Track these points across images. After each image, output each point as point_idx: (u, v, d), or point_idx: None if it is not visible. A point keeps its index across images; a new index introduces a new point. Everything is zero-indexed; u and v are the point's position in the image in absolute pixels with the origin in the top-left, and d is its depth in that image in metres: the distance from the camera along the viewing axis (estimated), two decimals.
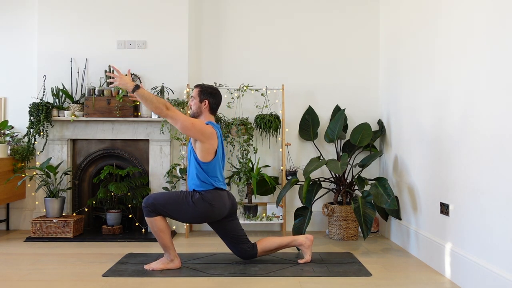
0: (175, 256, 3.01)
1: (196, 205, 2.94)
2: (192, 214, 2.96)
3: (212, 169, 3.00)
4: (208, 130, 2.95)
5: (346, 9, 4.41)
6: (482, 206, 2.50)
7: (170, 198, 2.97)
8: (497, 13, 2.37)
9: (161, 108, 2.82)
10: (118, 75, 2.86)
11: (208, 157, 2.97)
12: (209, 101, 3.07)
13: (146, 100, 2.82)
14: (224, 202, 3.02)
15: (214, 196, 2.98)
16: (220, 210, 3.01)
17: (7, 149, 4.09)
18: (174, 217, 3.00)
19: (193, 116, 3.11)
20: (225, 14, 4.42)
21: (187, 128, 2.87)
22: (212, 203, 2.95)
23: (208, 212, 2.96)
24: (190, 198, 2.96)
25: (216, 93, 3.12)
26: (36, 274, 2.90)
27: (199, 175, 3.00)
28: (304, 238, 3.20)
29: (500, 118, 2.33)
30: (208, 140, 2.94)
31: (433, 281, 2.80)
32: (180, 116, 2.86)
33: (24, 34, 4.37)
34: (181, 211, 2.95)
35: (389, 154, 4.04)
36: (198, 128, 2.91)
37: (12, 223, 4.31)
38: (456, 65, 2.80)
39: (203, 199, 2.95)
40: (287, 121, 4.29)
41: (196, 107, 3.08)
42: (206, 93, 3.08)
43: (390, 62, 4.09)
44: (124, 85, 2.84)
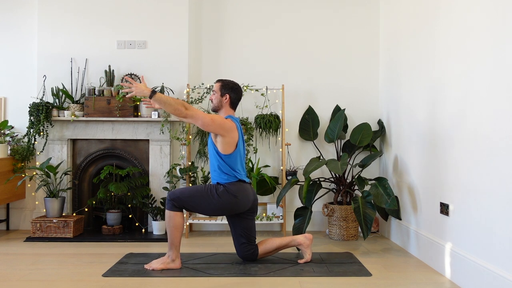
0: (177, 256, 3.01)
1: (221, 197, 3.00)
2: (217, 206, 3.01)
3: (234, 161, 3.06)
4: (228, 124, 3.02)
5: (346, 9, 4.41)
6: (482, 206, 2.50)
7: (195, 191, 3.04)
8: (497, 13, 2.37)
9: (180, 109, 2.89)
10: (133, 84, 2.91)
11: (229, 150, 3.03)
12: (230, 96, 3.14)
13: (164, 103, 2.88)
14: (247, 195, 3.09)
15: (238, 189, 3.04)
16: (244, 202, 3.06)
17: (7, 149, 4.09)
18: (199, 210, 3.06)
19: (213, 109, 3.20)
20: (225, 14, 4.42)
21: (208, 124, 2.95)
22: (236, 195, 3.01)
23: (232, 204, 3.02)
24: (215, 190, 3.02)
25: (237, 88, 3.19)
26: (36, 274, 2.90)
27: (221, 167, 3.05)
28: (304, 237, 3.21)
29: (501, 118, 2.33)
30: (228, 133, 3.01)
31: (433, 281, 2.80)
32: (200, 114, 2.94)
33: (24, 34, 4.37)
34: (206, 203, 3.01)
35: (389, 154, 4.04)
36: (218, 123, 2.98)
37: (12, 223, 4.31)
38: (456, 65, 2.80)
39: (227, 191, 3.01)
40: (287, 121, 4.29)
41: (217, 101, 3.15)
42: (227, 87, 3.14)
43: (390, 62, 4.09)
44: (141, 93, 2.89)
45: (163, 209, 4.01)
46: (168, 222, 2.99)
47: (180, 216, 3.00)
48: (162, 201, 4.03)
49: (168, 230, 3.00)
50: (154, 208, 4.02)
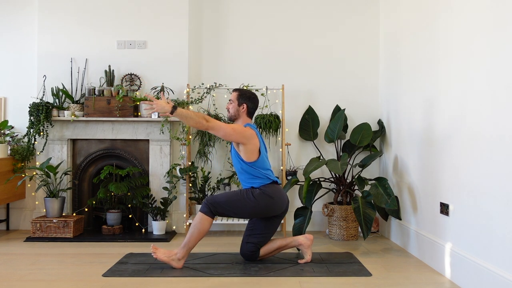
0: (184, 257, 3.02)
1: (258, 200, 3.05)
2: (253, 208, 3.06)
3: (261, 165, 3.12)
4: (248, 132, 3.08)
5: (346, 9, 4.41)
6: (482, 206, 2.50)
7: (232, 195, 3.10)
8: (497, 13, 2.37)
9: (201, 122, 2.93)
10: (154, 101, 2.93)
11: (253, 157, 3.09)
12: (247, 105, 3.20)
13: (186, 118, 2.93)
14: (283, 196, 3.16)
15: (274, 190, 3.10)
16: (279, 204, 3.12)
17: (7, 149, 4.09)
18: (235, 213, 3.10)
19: (230, 118, 3.26)
20: (225, 14, 4.42)
21: (230, 134, 3.01)
22: (272, 196, 3.07)
23: (269, 206, 3.08)
24: (251, 194, 3.07)
25: (254, 98, 3.25)
26: (36, 274, 2.90)
27: (250, 172, 3.11)
28: (304, 238, 3.21)
29: (501, 118, 2.33)
30: (250, 141, 3.07)
31: (433, 281, 2.80)
32: (221, 125, 3.00)
33: (24, 34, 4.36)
34: (243, 206, 3.06)
35: (389, 154, 4.04)
36: (239, 132, 3.04)
37: (12, 223, 4.31)
38: (456, 64, 2.80)
39: (264, 193, 3.07)
40: (287, 121, 4.29)
41: (234, 110, 3.20)
42: (244, 97, 3.20)
43: (390, 62, 4.09)
44: (162, 109, 2.91)
45: (163, 209, 4.01)
46: (196, 223, 3.01)
47: (209, 222, 3.03)
48: (162, 201, 4.03)
49: (191, 230, 3.01)
50: (154, 208, 4.02)
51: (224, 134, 3.00)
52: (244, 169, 3.12)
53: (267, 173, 3.14)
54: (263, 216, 3.15)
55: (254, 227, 3.19)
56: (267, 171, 3.15)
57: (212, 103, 4.26)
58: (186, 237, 3.03)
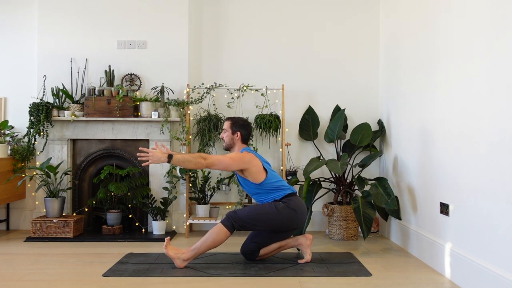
0: (189, 260, 3.03)
1: (281, 212, 3.08)
2: (277, 221, 3.09)
3: (273, 180, 3.16)
4: (246, 157, 3.11)
5: (346, 9, 4.41)
6: (482, 206, 2.50)
7: (255, 210, 3.10)
8: (497, 12, 2.37)
9: (200, 162, 2.95)
10: (149, 153, 2.91)
11: (261, 176, 3.12)
12: (241, 133, 3.24)
13: (183, 162, 2.96)
14: (304, 209, 3.20)
15: (297, 203, 3.14)
16: (301, 218, 3.16)
17: (7, 149, 4.09)
18: (258, 228, 3.12)
19: (226, 148, 3.29)
20: (225, 14, 4.42)
21: (230, 165, 3.04)
22: (296, 209, 3.11)
23: (292, 218, 3.11)
24: (275, 207, 3.10)
25: (247, 125, 3.29)
26: (36, 274, 2.90)
27: (265, 191, 3.15)
28: (303, 238, 3.22)
29: (501, 118, 2.33)
30: (251, 163, 3.09)
31: (433, 281, 2.80)
32: (219, 159, 3.03)
33: (24, 34, 4.36)
34: (266, 220, 3.07)
35: (389, 154, 4.04)
36: (238, 159, 3.07)
37: (12, 223, 4.31)
38: (456, 64, 2.80)
39: (288, 206, 3.10)
40: (287, 121, 4.29)
41: (229, 139, 3.24)
42: (237, 125, 3.24)
43: (390, 62, 4.09)
44: (158, 160, 2.91)
45: (163, 209, 4.01)
46: (213, 233, 3.02)
47: (226, 236, 3.04)
48: (162, 201, 4.03)
49: (206, 238, 3.02)
50: (154, 208, 4.02)
51: (225, 167, 3.03)
52: (259, 191, 3.16)
53: (282, 184, 3.18)
54: (286, 229, 3.17)
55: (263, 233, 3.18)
56: (281, 184, 3.19)
57: (212, 103, 4.26)
58: (199, 242, 3.04)
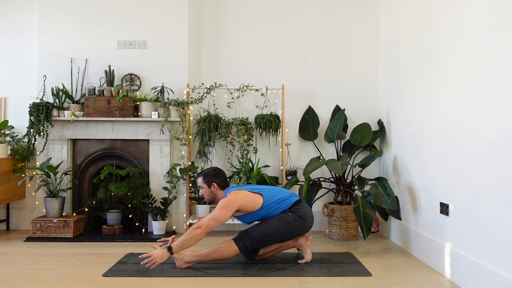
0: (190, 263, 3.02)
1: (292, 223, 3.11)
2: (290, 233, 3.13)
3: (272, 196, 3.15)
4: (231, 198, 3.07)
5: (346, 9, 4.41)
6: (482, 206, 2.50)
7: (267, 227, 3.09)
8: (497, 13, 2.37)
9: (198, 234, 2.92)
10: (151, 256, 2.89)
11: (257, 203, 3.11)
12: (217, 183, 3.22)
13: (185, 245, 2.92)
14: (311, 214, 3.23)
15: (305, 211, 3.17)
16: (309, 224, 3.18)
17: (7, 149, 4.09)
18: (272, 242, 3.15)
19: (210, 202, 3.28)
20: (225, 14, 4.42)
21: (224, 216, 2.99)
22: (304, 217, 3.14)
23: (302, 227, 3.15)
24: (286, 220, 3.10)
25: (219, 172, 3.26)
26: (36, 274, 2.90)
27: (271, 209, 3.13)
28: (303, 238, 3.22)
29: (500, 118, 2.33)
30: (239, 200, 3.06)
31: (433, 281, 2.80)
32: (212, 218, 2.96)
33: (24, 34, 4.36)
34: (278, 234, 3.10)
35: (389, 154, 4.04)
36: (226, 206, 3.02)
37: (12, 223, 4.31)
38: (456, 64, 2.80)
39: (298, 216, 3.12)
40: (287, 121, 4.29)
41: (208, 193, 3.23)
42: (209, 176, 3.22)
43: (390, 62, 4.09)
44: (162, 259, 2.90)
45: (163, 209, 4.01)
46: (223, 247, 3.03)
47: (235, 253, 3.05)
48: (162, 201, 4.03)
49: (215, 250, 3.02)
50: (154, 208, 4.01)
51: (220, 221, 2.98)
52: (266, 214, 3.13)
53: (285, 195, 3.18)
54: (295, 236, 3.20)
55: None
56: (283, 194, 3.18)
57: (212, 103, 4.26)
58: (206, 250, 3.03)
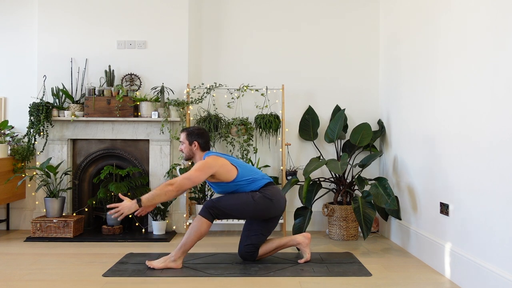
0: (180, 258, 3.02)
1: (258, 203, 3.07)
2: (254, 212, 3.09)
3: (246, 173, 3.11)
4: (208, 161, 3.04)
5: (346, 9, 4.41)
6: (482, 206, 2.50)
7: (232, 200, 3.08)
8: (497, 12, 2.37)
9: (169, 190, 2.91)
10: (118, 207, 2.88)
11: (232, 174, 3.08)
12: (198, 142, 3.18)
13: (154, 199, 2.92)
14: (282, 197, 3.18)
15: (273, 193, 3.13)
16: (279, 206, 3.14)
17: (7, 149, 4.09)
18: (234, 216, 3.11)
19: (187, 159, 3.27)
20: (225, 14, 4.42)
21: (198, 177, 2.97)
22: (272, 199, 3.10)
23: (268, 208, 3.10)
24: (251, 197, 3.08)
25: (203, 133, 3.22)
26: (36, 274, 2.90)
27: (241, 185, 3.10)
28: (302, 237, 3.22)
29: (500, 118, 2.33)
30: (216, 165, 3.03)
31: (433, 281, 2.80)
32: (185, 177, 2.95)
33: (24, 34, 4.36)
34: (243, 210, 3.08)
35: (389, 154, 4.04)
36: (202, 168, 2.99)
37: (12, 223, 4.31)
38: (456, 64, 2.80)
39: (264, 196, 3.09)
40: (287, 121, 4.29)
41: (187, 150, 3.20)
42: (193, 135, 3.19)
43: (390, 62, 4.09)
44: (129, 210, 2.88)
45: (163, 209, 4.01)
46: (194, 225, 3.01)
47: (208, 226, 3.03)
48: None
49: (189, 232, 3.01)
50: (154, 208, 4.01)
51: (194, 182, 2.97)
52: (235, 189, 3.11)
53: (257, 176, 3.15)
54: (262, 218, 3.16)
55: (251, 228, 3.19)
56: (256, 175, 3.16)
57: (212, 103, 4.26)
58: (184, 238, 3.03)
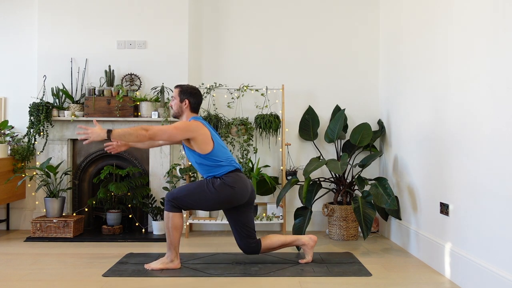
0: (175, 257, 3.01)
1: (218, 191, 2.96)
2: (215, 200, 2.98)
3: (219, 153, 3.01)
4: (192, 125, 2.96)
5: (346, 9, 4.41)
6: (482, 206, 2.50)
7: (192, 188, 3.00)
8: (497, 12, 2.37)
9: (141, 134, 2.80)
10: (88, 130, 2.83)
11: (207, 147, 2.97)
12: (189, 101, 3.09)
13: (124, 136, 2.80)
14: (245, 184, 3.04)
15: (235, 179, 2.99)
16: (242, 193, 3.01)
17: (7, 149, 4.09)
18: (197, 206, 3.05)
19: (174, 116, 3.17)
20: (225, 14, 4.42)
21: (174, 134, 2.90)
22: (234, 186, 2.97)
23: (231, 196, 2.98)
24: (211, 185, 2.98)
25: (196, 93, 3.14)
26: (36, 274, 2.90)
27: (209, 164, 3.00)
28: (308, 238, 3.19)
29: (500, 118, 2.33)
30: (197, 132, 2.94)
31: (433, 281, 2.80)
32: (162, 129, 2.88)
33: (24, 34, 4.36)
34: (204, 199, 2.98)
35: (389, 154, 4.04)
36: (182, 128, 2.92)
37: (12, 223, 4.31)
38: (456, 64, 2.80)
39: (225, 183, 2.97)
40: (287, 121, 4.29)
41: (177, 106, 3.11)
42: (186, 93, 3.10)
43: (390, 62, 4.09)
44: (98, 136, 2.81)
45: (163, 209, 4.01)
46: (167, 223, 2.98)
47: (179, 216, 2.98)
48: (162, 201, 4.03)
49: (167, 231, 2.98)
50: (154, 208, 4.02)
51: (169, 136, 2.90)
52: (203, 163, 3.00)
53: (225, 160, 3.02)
54: (226, 207, 3.07)
55: (235, 224, 3.10)
56: (226, 159, 3.03)
57: (212, 103, 4.26)
58: (167, 239, 2.99)
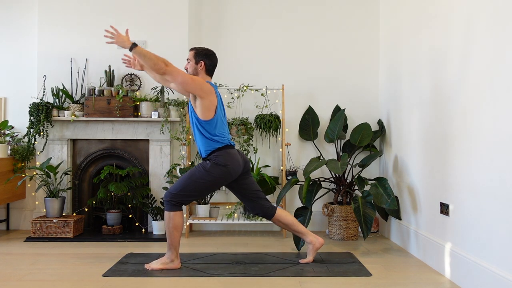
0: (176, 257, 3.01)
1: (211, 173, 2.95)
2: (211, 182, 2.98)
3: (216, 126, 2.99)
4: (207, 86, 2.97)
5: (346, 9, 4.41)
6: (482, 206, 2.50)
7: (185, 180, 2.98)
8: (497, 12, 2.37)
9: (160, 65, 2.82)
10: (116, 33, 2.86)
11: (209, 115, 2.96)
12: (205, 62, 3.08)
13: (145, 57, 2.82)
14: (237, 160, 3.02)
15: (226, 158, 2.97)
16: (236, 168, 3.00)
17: (7, 149, 4.09)
18: (197, 195, 3.05)
19: None
20: (225, 14, 4.42)
21: (188, 83, 2.89)
22: (226, 164, 2.96)
23: (225, 175, 2.97)
24: (203, 169, 2.97)
25: (212, 54, 3.13)
26: (36, 274, 2.90)
27: (204, 134, 2.98)
28: (316, 238, 3.18)
29: (500, 118, 2.33)
30: (207, 96, 2.94)
31: (433, 281, 2.80)
32: (180, 71, 2.89)
33: (24, 34, 4.36)
34: (200, 185, 2.97)
35: (389, 154, 4.04)
36: (198, 82, 2.93)
37: (12, 223, 4.31)
38: (456, 64, 2.80)
39: (217, 164, 2.95)
40: (287, 121, 4.29)
41: (192, 69, 3.10)
42: (201, 54, 3.09)
43: (390, 62, 4.09)
44: (122, 43, 2.84)
45: (163, 209, 4.01)
46: (167, 223, 2.98)
47: (180, 216, 2.98)
48: (162, 201, 4.03)
49: (167, 231, 2.98)
50: (154, 208, 4.02)
51: (182, 81, 2.87)
52: (200, 130, 2.98)
53: (220, 135, 3.00)
54: (224, 183, 3.07)
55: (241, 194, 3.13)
56: (221, 133, 3.01)
57: None
58: (168, 239, 2.99)
